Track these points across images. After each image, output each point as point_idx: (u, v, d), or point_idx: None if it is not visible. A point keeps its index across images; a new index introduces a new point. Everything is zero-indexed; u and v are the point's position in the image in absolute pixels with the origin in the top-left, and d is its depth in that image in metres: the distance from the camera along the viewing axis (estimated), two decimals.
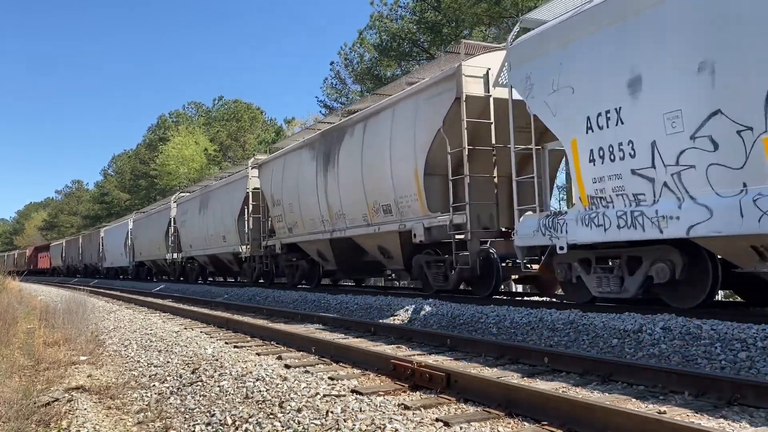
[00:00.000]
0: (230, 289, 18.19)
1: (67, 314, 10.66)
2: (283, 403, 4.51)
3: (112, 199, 64.91)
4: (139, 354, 7.55)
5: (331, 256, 13.86)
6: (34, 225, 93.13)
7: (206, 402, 4.97)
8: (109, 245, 37.73)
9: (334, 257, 13.80)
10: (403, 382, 5.00)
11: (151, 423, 4.77)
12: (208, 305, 14.62)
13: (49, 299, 18.02)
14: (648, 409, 4.11)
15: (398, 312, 9.89)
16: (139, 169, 58.22)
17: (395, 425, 3.81)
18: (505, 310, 8.21)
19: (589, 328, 6.77)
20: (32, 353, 7.67)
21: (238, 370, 5.70)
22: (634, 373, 4.88)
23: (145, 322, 11.04)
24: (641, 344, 6.07)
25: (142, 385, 5.92)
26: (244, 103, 52.04)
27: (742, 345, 5.38)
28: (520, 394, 4.08)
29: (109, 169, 71.96)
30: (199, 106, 58.78)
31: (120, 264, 35.04)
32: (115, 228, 37.33)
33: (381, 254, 12.08)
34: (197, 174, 43.77)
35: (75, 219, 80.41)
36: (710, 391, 4.34)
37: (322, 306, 12.14)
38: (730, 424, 3.76)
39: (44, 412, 4.95)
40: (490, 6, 21.81)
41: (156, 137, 56.92)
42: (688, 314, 6.41)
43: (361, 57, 30.62)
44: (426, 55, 26.96)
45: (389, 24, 27.69)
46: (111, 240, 37.21)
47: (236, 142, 49.37)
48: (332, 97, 33.65)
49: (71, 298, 14.12)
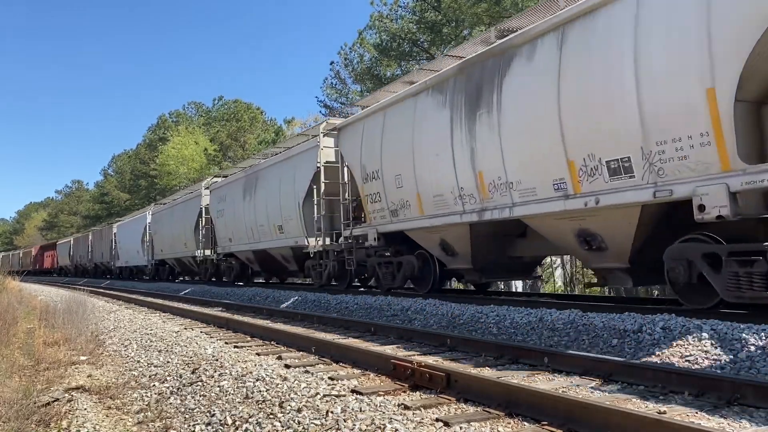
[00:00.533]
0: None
1: (67, 314, 10.66)
2: (283, 403, 4.51)
3: (112, 199, 64.91)
4: (139, 354, 7.55)
5: (466, 249, 10.00)
6: (34, 225, 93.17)
7: (206, 402, 4.97)
8: (123, 242, 34.05)
9: (471, 250, 9.95)
10: (403, 382, 5.00)
11: (151, 423, 4.77)
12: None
13: (49, 299, 18.02)
14: (648, 409, 4.11)
15: (397, 312, 9.89)
16: (139, 169, 58.24)
17: (395, 425, 3.81)
18: (505, 310, 8.21)
19: (589, 328, 6.77)
20: (32, 353, 7.67)
21: (238, 370, 5.70)
22: (634, 373, 4.89)
23: (145, 322, 11.04)
24: (641, 344, 6.08)
25: (142, 385, 5.92)
26: (244, 103, 52.04)
27: (742, 345, 5.38)
28: (520, 394, 4.08)
29: (109, 169, 72.05)
30: (199, 106, 58.84)
31: (136, 263, 31.66)
32: (131, 223, 33.57)
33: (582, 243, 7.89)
34: (197, 174, 43.76)
35: (75, 219, 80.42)
36: (710, 391, 4.34)
37: (322, 306, 12.13)
38: (730, 424, 3.76)
39: (44, 412, 4.95)
40: (490, 6, 21.81)
41: (156, 137, 56.95)
42: (687, 314, 6.41)
43: (361, 57, 30.61)
44: (426, 55, 26.96)
45: (389, 24, 27.68)
46: (125, 236, 33.49)
47: (236, 142, 49.36)
48: (332, 97, 33.66)
49: (71, 298, 14.12)
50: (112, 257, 36.57)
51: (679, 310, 6.83)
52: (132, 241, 31.83)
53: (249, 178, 17.98)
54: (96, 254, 41.34)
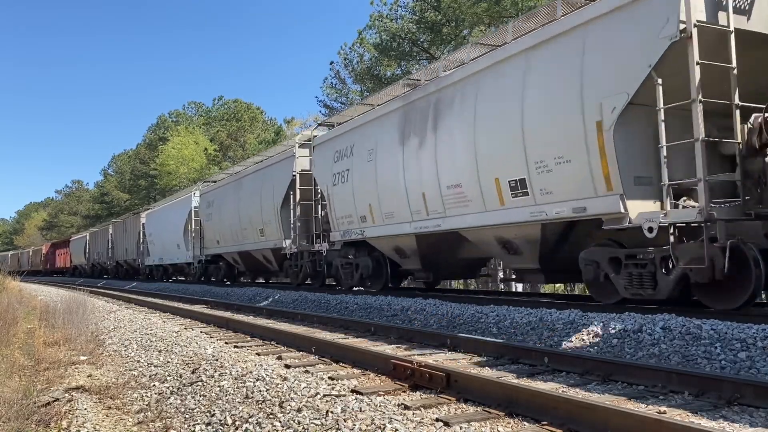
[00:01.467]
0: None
1: (67, 314, 10.66)
2: (283, 403, 4.51)
3: (112, 199, 64.92)
4: (139, 354, 7.55)
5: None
6: (34, 225, 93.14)
7: (206, 402, 4.97)
8: (155, 234, 27.38)
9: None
10: (403, 382, 5.00)
11: (151, 423, 4.77)
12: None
13: (49, 299, 18.02)
14: (648, 409, 4.11)
15: (397, 311, 9.89)
16: (139, 169, 58.22)
17: (395, 425, 3.81)
18: (505, 310, 8.21)
19: (589, 328, 6.77)
20: (32, 353, 7.67)
21: (238, 370, 5.70)
22: (634, 373, 4.89)
23: (145, 322, 11.04)
24: (641, 344, 6.08)
25: (142, 385, 5.92)
26: (244, 103, 52.04)
27: (742, 345, 5.38)
28: (520, 394, 4.08)
29: (109, 169, 72.03)
30: (199, 106, 58.80)
31: (174, 260, 25.20)
32: (166, 209, 26.93)
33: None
34: (197, 174, 43.75)
35: (75, 219, 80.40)
36: (710, 391, 4.34)
37: (322, 306, 12.14)
38: (730, 424, 3.76)
39: (44, 412, 4.95)
40: (490, 6, 21.80)
41: (156, 137, 56.91)
42: (687, 314, 6.42)
43: (361, 57, 30.59)
44: (426, 54, 26.96)
45: (389, 24, 27.66)
46: (158, 226, 27.07)
47: (236, 141, 49.37)
48: (332, 96, 33.63)
49: (71, 298, 14.11)
50: (140, 254, 30.28)
51: (680, 309, 6.84)
52: (169, 233, 25.49)
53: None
54: (118, 250, 34.72)
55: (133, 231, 31.40)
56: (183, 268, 25.95)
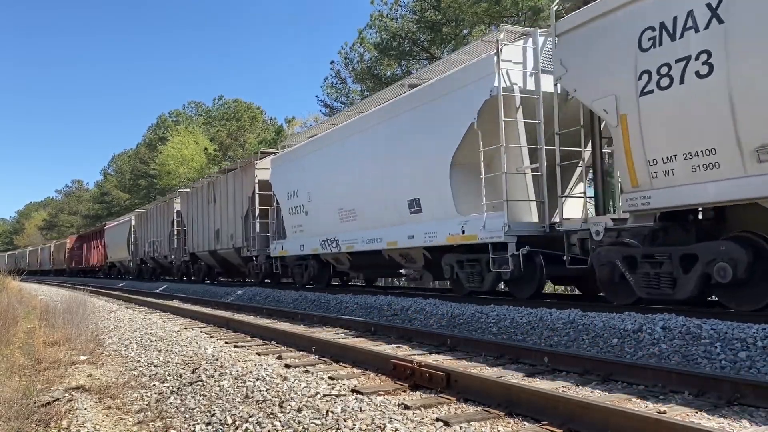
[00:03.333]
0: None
1: (67, 314, 10.66)
2: (283, 402, 4.51)
3: (112, 199, 64.94)
4: (139, 354, 7.55)
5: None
6: (34, 225, 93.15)
7: (206, 402, 4.97)
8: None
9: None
10: (403, 382, 5.00)
11: (151, 423, 4.77)
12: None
13: (49, 299, 18.02)
14: (648, 409, 4.11)
15: (397, 311, 9.89)
16: (139, 169, 58.21)
17: (395, 425, 3.81)
18: (505, 310, 8.21)
19: (589, 328, 6.77)
20: (32, 353, 7.67)
21: (238, 370, 5.70)
22: (634, 373, 4.89)
23: (145, 321, 11.04)
24: (641, 344, 6.08)
25: (142, 385, 5.91)
26: (244, 103, 52.02)
27: (742, 345, 5.38)
28: (520, 393, 4.08)
29: (109, 168, 72.05)
30: (199, 106, 58.77)
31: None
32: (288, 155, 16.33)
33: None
34: (197, 174, 43.73)
35: (75, 219, 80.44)
36: (710, 390, 4.34)
37: (322, 305, 12.14)
38: (730, 424, 3.76)
39: (44, 411, 4.95)
40: (490, 5, 21.80)
41: (156, 137, 56.89)
42: (687, 314, 6.41)
43: (361, 56, 30.59)
44: (426, 54, 26.96)
45: (389, 23, 27.66)
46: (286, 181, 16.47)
47: (236, 141, 49.35)
48: (332, 96, 33.66)
49: (71, 298, 14.11)
50: (252, 240, 18.35)
51: (680, 309, 6.83)
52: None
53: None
54: (201, 238, 21.69)
55: (237, 203, 18.87)
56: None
